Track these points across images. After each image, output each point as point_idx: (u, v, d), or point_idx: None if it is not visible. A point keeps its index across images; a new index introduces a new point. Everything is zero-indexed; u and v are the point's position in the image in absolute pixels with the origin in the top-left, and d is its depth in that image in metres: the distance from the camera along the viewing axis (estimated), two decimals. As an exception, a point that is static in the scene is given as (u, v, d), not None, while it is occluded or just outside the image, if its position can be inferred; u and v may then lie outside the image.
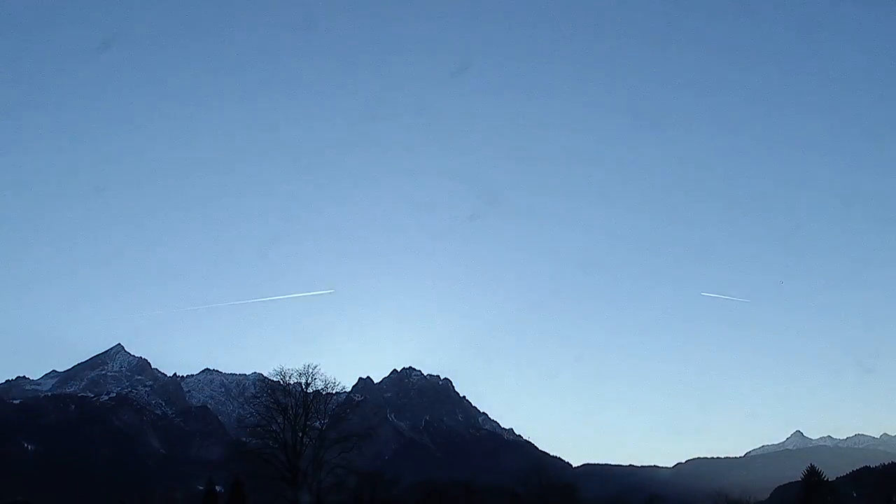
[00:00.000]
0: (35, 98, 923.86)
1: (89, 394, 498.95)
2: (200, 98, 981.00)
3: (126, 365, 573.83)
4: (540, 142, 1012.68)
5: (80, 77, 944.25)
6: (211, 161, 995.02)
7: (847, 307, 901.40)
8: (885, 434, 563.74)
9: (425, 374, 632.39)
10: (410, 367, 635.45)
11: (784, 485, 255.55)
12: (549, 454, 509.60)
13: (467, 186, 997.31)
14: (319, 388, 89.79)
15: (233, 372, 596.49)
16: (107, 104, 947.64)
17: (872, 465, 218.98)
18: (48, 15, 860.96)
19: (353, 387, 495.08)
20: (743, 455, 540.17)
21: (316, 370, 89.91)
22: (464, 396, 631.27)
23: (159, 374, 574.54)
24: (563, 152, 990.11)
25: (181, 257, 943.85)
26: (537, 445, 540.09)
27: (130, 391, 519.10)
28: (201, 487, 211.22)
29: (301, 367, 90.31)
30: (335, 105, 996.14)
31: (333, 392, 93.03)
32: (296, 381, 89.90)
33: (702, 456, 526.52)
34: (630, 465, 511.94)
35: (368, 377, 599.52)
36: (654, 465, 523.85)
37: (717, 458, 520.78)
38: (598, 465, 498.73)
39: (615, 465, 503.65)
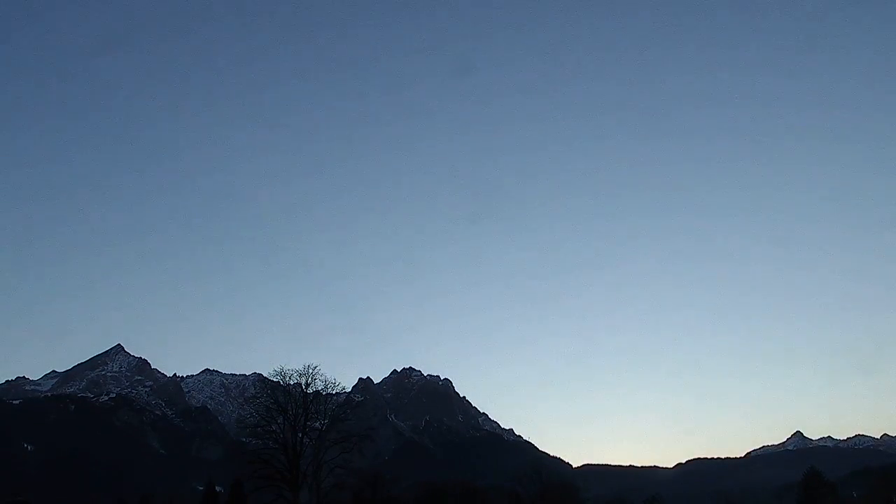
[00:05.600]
0: (34, 98, 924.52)
1: (89, 394, 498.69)
2: (201, 99, 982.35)
3: (126, 365, 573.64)
4: (539, 142, 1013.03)
5: (80, 77, 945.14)
6: (211, 161, 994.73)
7: (847, 307, 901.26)
8: (885, 434, 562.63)
9: (425, 374, 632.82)
10: (410, 367, 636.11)
11: (784, 485, 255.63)
12: (549, 454, 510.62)
13: (468, 186, 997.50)
14: (319, 388, 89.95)
15: (233, 372, 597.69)
16: (106, 104, 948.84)
17: (872, 466, 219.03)
18: (48, 15, 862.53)
19: (353, 387, 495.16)
20: (743, 455, 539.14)
21: (316, 370, 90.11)
22: (464, 396, 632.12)
23: (159, 375, 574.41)
24: (563, 152, 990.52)
25: (181, 257, 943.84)
26: (537, 446, 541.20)
27: (130, 391, 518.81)
28: (201, 487, 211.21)
29: (301, 368, 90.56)
30: (335, 106, 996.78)
31: (333, 392, 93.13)
32: (295, 381, 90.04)
33: (702, 456, 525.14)
34: (630, 465, 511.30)
35: (368, 377, 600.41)
36: (654, 466, 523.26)
37: (718, 458, 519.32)
38: (598, 465, 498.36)
39: (615, 465, 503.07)
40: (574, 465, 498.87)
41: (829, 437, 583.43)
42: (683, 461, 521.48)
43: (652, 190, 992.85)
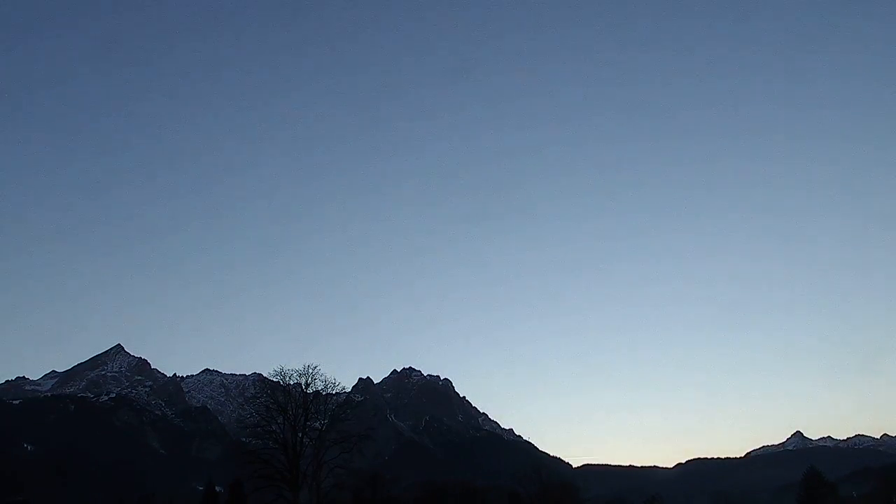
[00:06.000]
0: (36, 96, 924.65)
1: (89, 394, 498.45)
2: (202, 98, 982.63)
3: (126, 365, 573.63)
4: (540, 143, 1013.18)
5: (82, 76, 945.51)
6: (211, 161, 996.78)
7: (847, 307, 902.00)
8: (886, 434, 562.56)
9: (425, 374, 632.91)
10: (410, 367, 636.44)
11: (784, 485, 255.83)
12: (549, 454, 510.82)
13: (468, 187, 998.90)
14: (319, 388, 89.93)
15: (233, 372, 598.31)
16: (108, 104, 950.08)
17: (872, 466, 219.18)
18: (48, 15, 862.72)
19: (353, 387, 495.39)
20: (743, 456, 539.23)
21: (316, 370, 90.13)
22: (464, 396, 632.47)
23: (159, 375, 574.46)
24: (564, 153, 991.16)
25: (181, 258, 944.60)
26: (537, 446, 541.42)
27: (130, 391, 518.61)
28: (201, 487, 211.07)
29: (301, 368, 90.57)
30: (335, 107, 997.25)
31: (333, 392, 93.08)
32: (295, 381, 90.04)
33: (702, 456, 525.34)
34: (630, 466, 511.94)
35: (368, 377, 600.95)
36: (654, 466, 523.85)
37: (718, 458, 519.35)
38: (598, 465, 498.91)
39: (615, 465, 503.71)
40: (574, 465, 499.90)
41: (829, 437, 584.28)
42: (683, 461, 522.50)
43: (653, 190, 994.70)
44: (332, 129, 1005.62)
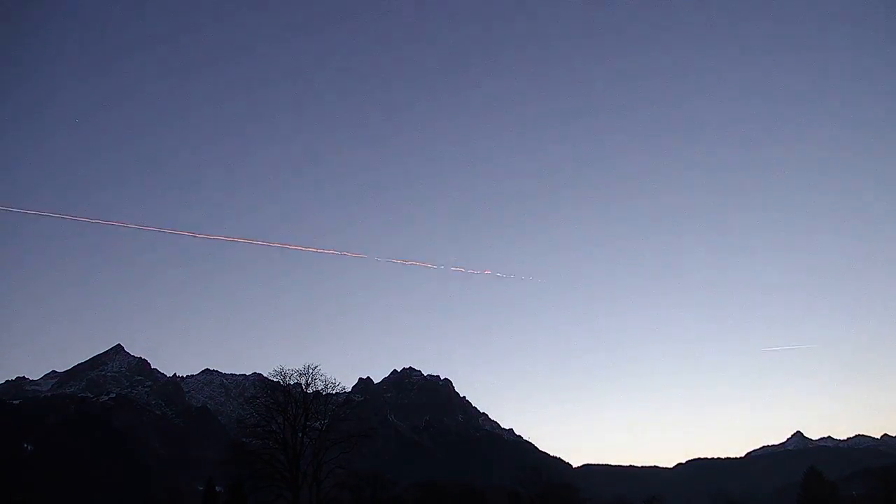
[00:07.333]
0: (36, 95, 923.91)
1: (89, 394, 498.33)
2: (201, 97, 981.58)
3: (126, 365, 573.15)
4: (539, 142, 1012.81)
5: (80, 73, 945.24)
6: (211, 162, 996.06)
7: (847, 307, 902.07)
8: (886, 434, 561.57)
9: (425, 374, 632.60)
10: (410, 367, 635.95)
11: (784, 485, 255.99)
12: (549, 454, 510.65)
13: (467, 186, 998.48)
14: (319, 388, 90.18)
15: (233, 372, 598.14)
16: (106, 101, 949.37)
17: (872, 466, 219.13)
18: (50, 15, 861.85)
19: (353, 387, 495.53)
20: (743, 456, 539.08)
21: (316, 370, 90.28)
22: (464, 396, 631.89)
23: (159, 375, 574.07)
24: (562, 153, 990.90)
25: (182, 257, 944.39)
26: (537, 446, 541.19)
27: (130, 391, 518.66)
28: (201, 487, 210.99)
29: (301, 368, 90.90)
30: (334, 107, 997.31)
31: (333, 392, 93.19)
32: (295, 381, 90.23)
33: (702, 456, 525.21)
34: (630, 466, 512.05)
35: (368, 377, 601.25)
36: (654, 465, 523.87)
37: (718, 458, 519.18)
38: (598, 465, 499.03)
39: (615, 465, 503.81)
40: (574, 465, 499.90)
41: (829, 437, 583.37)
42: (683, 461, 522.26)
43: (652, 188, 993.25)
44: (331, 126, 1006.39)
